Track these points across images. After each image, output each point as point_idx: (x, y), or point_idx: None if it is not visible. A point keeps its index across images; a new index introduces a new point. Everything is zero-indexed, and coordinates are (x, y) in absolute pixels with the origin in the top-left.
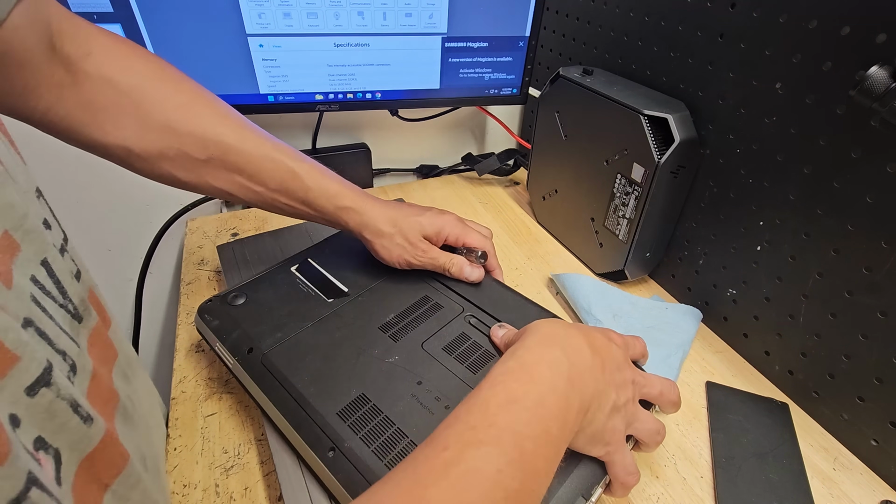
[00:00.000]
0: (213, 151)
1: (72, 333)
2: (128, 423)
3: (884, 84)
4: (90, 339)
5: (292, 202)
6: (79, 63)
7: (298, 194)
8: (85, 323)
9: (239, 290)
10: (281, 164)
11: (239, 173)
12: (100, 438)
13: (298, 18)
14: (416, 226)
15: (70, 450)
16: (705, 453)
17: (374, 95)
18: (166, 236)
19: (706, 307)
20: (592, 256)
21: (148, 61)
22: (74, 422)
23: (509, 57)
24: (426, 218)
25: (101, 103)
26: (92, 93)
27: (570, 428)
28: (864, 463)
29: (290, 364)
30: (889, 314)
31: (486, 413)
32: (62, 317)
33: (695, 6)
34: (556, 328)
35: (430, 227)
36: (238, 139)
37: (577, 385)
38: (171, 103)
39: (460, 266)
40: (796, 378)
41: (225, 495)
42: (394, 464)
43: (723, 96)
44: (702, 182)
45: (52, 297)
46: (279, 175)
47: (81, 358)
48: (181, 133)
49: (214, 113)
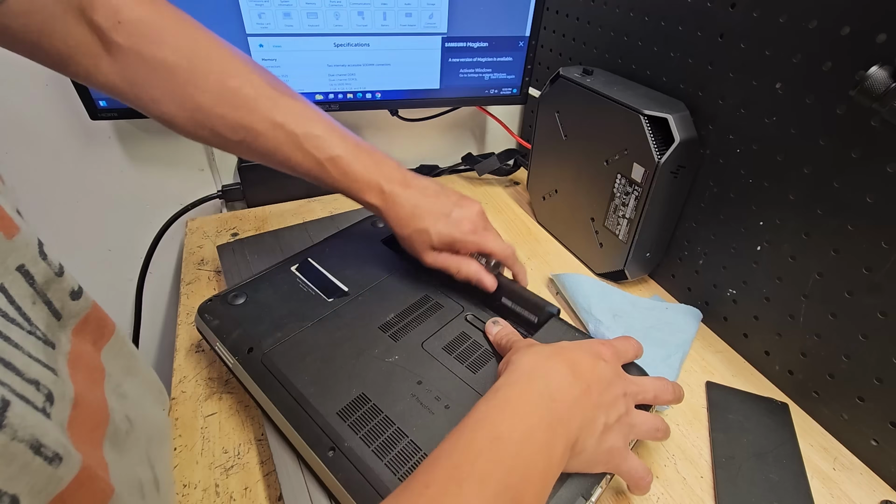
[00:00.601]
0: (243, 136)
1: (46, 360)
2: (120, 447)
3: (884, 84)
4: (72, 362)
5: (320, 183)
6: (110, 33)
7: (327, 182)
8: (60, 348)
9: (239, 289)
10: (309, 155)
11: (272, 155)
12: (72, 477)
13: (298, 18)
14: (426, 237)
15: (32, 495)
16: (705, 453)
17: (374, 95)
18: (166, 236)
19: (706, 307)
20: (592, 256)
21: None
22: (37, 463)
23: (509, 57)
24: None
25: (134, 77)
26: (125, 65)
27: (558, 461)
28: (864, 463)
29: (290, 364)
30: (889, 314)
31: (470, 450)
32: (32, 344)
33: (695, 6)
34: (538, 360)
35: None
36: (269, 127)
37: (563, 417)
38: (201, 85)
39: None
40: (796, 378)
41: (225, 495)
42: (394, 463)
43: (723, 96)
44: (702, 182)
45: (18, 324)
46: (307, 164)
47: (60, 385)
48: (212, 116)
49: (246, 94)
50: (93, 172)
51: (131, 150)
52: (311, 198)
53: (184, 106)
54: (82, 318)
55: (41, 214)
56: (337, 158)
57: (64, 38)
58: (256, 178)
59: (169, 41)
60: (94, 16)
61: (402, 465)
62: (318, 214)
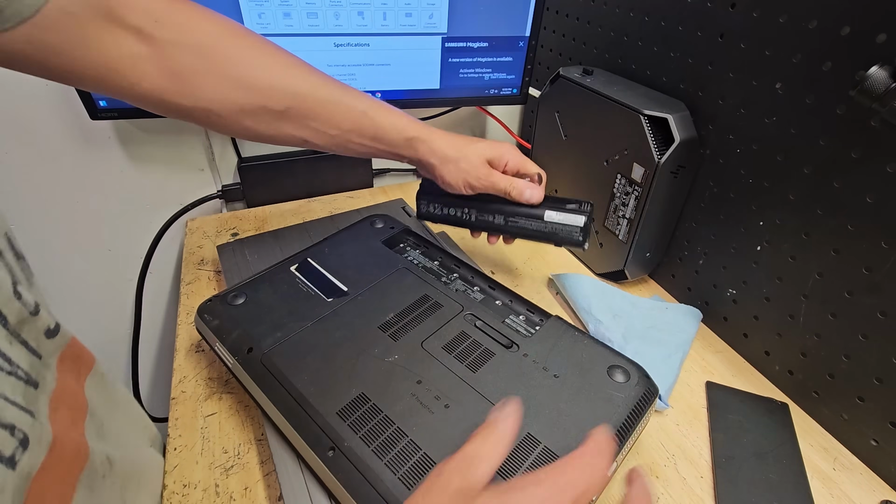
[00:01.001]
0: (290, 102)
1: (25, 402)
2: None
3: (884, 84)
4: (54, 401)
5: (364, 140)
6: (151, 32)
7: (369, 132)
8: (44, 386)
9: (239, 289)
10: (352, 106)
11: (314, 119)
12: None
13: (298, 18)
14: (479, 151)
15: None
16: (705, 453)
17: (375, 95)
18: (166, 236)
19: (706, 307)
20: (592, 256)
21: (211, 19)
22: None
23: (509, 57)
24: (488, 144)
25: (180, 69)
26: (170, 60)
27: None
28: (864, 463)
29: (290, 364)
30: (889, 314)
31: None
32: (11, 386)
33: (695, 6)
34: None
35: (493, 151)
36: (311, 88)
37: None
38: (244, 60)
39: (521, 189)
40: (796, 378)
41: (225, 495)
42: (394, 463)
43: (723, 96)
44: (702, 182)
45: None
46: (352, 116)
47: (37, 429)
48: (260, 88)
49: (286, 64)
50: (93, 172)
51: (131, 150)
52: (311, 198)
53: (231, 85)
54: (60, 353)
55: (41, 214)
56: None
57: (102, 47)
58: (256, 178)
59: (202, 26)
60: (129, 19)
61: (402, 464)
62: (318, 214)
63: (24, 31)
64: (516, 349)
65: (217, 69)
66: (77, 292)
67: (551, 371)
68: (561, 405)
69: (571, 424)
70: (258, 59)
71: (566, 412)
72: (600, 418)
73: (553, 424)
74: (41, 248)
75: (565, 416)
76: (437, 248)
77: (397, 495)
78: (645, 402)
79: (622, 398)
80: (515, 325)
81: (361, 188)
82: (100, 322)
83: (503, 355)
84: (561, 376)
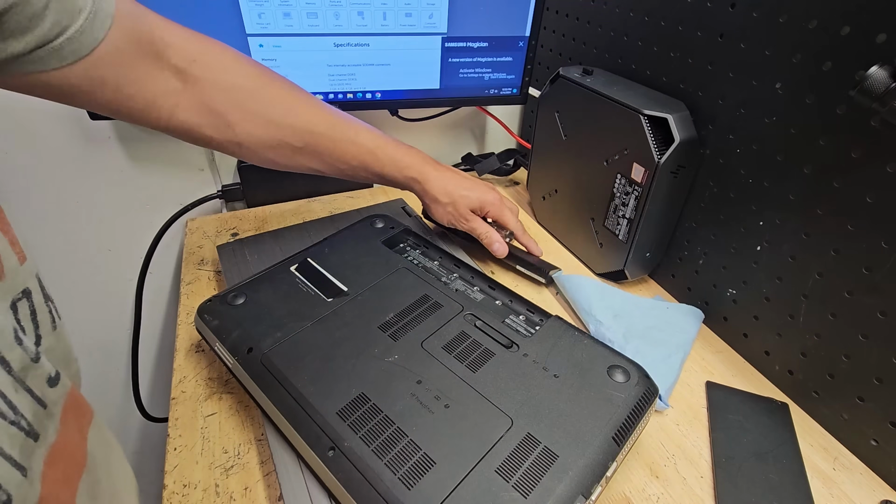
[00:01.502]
0: (307, 139)
1: (20, 457)
2: None
3: (884, 84)
4: (52, 455)
5: (368, 174)
6: (187, 70)
7: (375, 168)
8: (44, 439)
9: (238, 289)
10: (362, 146)
11: (329, 155)
12: None
13: (298, 18)
14: (467, 202)
15: None
16: (705, 453)
17: (374, 95)
18: (166, 236)
19: (706, 307)
20: (592, 256)
21: (240, 61)
22: None
23: (509, 57)
24: (475, 194)
25: (213, 106)
26: (204, 96)
27: None
28: (864, 463)
29: (290, 364)
30: (889, 314)
31: None
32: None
33: (695, 6)
34: None
35: (478, 203)
36: (327, 128)
37: None
38: (271, 100)
39: (491, 241)
40: (796, 378)
41: (225, 495)
42: (394, 463)
43: (723, 96)
44: (702, 182)
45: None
46: (361, 155)
47: (24, 488)
48: (282, 126)
49: (307, 106)
50: (92, 173)
51: (131, 151)
52: (311, 198)
53: (258, 122)
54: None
55: (41, 215)
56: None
57: (149, 84)
58: (256, 179)
59: (232, 67)
60: (172, 59)
61: (401, 464)
62: (318, 214)
63: (82, 67)
64: (516, 349)
65: (251, 108)
66: (77, 292)
67: (551, 371)
68: (561, 405)
69: (571, 424)
70: (285, 101)
71: (566, 412)
72: (600, 418)
73: (553, 424)
74: (41, 248)
75: (565, 416)
76: (436, 248)
77: (397, 495)
78: (645, 402)
79: (622, 398)
80: (515, 325)
81: (361, 188)
82: (100, 322)
83: (503, 355)
84: (561, 376)
